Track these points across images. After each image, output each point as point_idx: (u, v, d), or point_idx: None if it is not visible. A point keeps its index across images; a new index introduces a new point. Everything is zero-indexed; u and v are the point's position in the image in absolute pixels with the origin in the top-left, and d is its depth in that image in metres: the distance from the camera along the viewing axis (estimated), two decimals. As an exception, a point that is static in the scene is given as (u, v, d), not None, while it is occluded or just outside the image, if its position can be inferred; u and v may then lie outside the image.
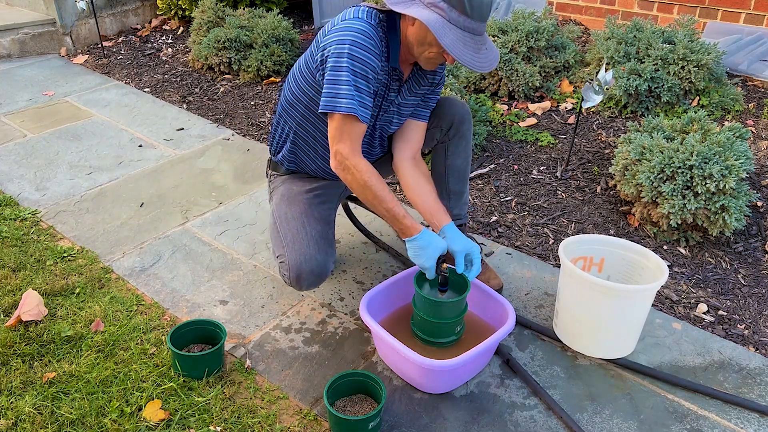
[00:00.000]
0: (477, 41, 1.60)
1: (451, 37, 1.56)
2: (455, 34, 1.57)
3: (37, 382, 1.78)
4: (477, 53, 1.60)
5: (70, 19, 4.55)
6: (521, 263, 2.33)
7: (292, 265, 1.80)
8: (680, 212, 2.29)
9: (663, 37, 3.40)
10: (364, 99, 1.65)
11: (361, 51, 1.61)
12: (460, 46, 1.57)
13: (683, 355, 1.92)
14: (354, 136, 1.67)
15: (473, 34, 1.59)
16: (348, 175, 1.69)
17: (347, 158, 1.67)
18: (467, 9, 1.55)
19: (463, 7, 1.55)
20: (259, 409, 1.73)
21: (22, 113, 3.59)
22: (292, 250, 1.82)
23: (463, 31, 1.58)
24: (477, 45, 1.60)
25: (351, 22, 1.64)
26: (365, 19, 1.64)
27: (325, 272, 1.84)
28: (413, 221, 1.72)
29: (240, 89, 3.88)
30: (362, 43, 1.61)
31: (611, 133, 3.19)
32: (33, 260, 2.31)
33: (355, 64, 1.61)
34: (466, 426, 1.68)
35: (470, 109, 3.04)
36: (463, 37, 1.58)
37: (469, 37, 1.59)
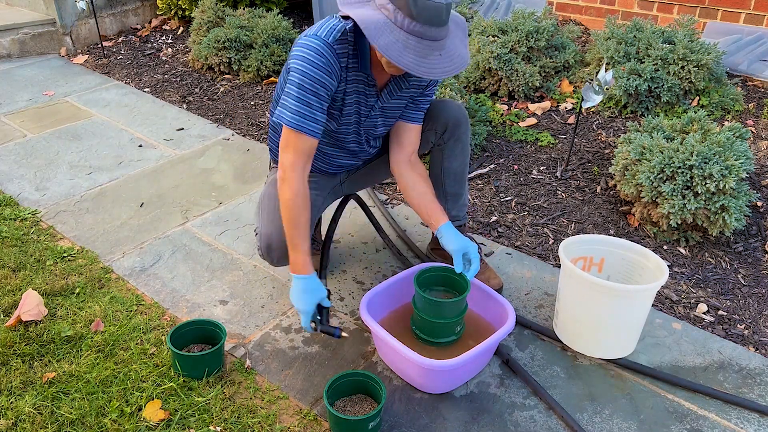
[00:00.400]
0: (426, 46, 1.53)
1: (389, 39, 1.51)
2: (396, 37, 1.51)
3: (37, 382, 1.78)
4: (423, 58, 1.53)
5: (70, 19, 4.56)
6: (521, 263, 2.33)
7: (263, 235, 1.86)
8: (680, 212, 2.29)
9: (663, 37, 3.40)
10: (314, 114, 1.68)
11: (312, 68, 1.64)
12: (399, 48, 1.51)
13: (683, 355, 1.92)
14: (299, 150, 1.71)
15: (421, 38, 1.52)
16: (282, 184, 1.72)
17: (286, 170, 1.71)
18: (412, 11, 1.49)
19: (408, 10, 1.50)
20: (259, 409, 1.73)
21: (22, 113, 3.59)
22: (267, 222, 1.87)
23: (408, 34, 1.52)
24: (425, 50, 1.53)
25: (308, 39, 1.66)
26: (322, 36, 1.65)
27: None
28: (307, 261, 1.73)
29: (240, 89, 3.88)
30: (314, 60, 1.63)
31: (611, 133, 3.19)
32: (33, 260, 2.31)
33: (305, 80, 1.65)
34: (466, 426, 1.68)
35: (470, 109, 3.05)
36: (406, 40, 1.52)
37: (415, 40, 1.52)
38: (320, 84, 1.66)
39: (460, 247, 1.79)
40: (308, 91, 1.66)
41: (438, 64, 1.55)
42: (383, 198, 2.74)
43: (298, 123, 1.68)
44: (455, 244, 1.79)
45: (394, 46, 1.51)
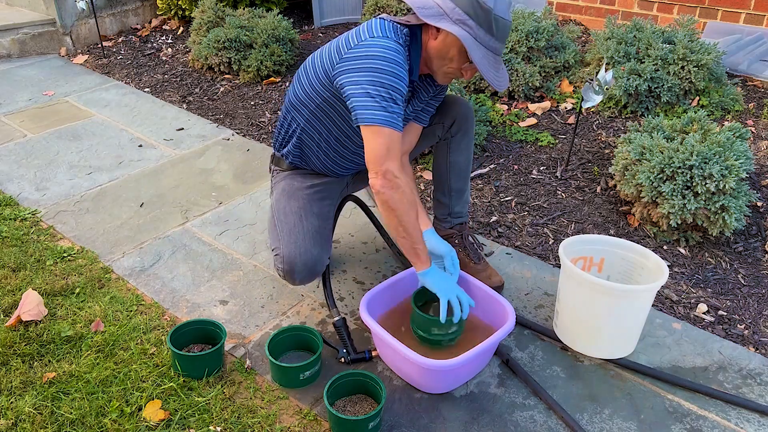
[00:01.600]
0: (497, 60, 1.67)
1: (480, 54, 1.62)
2: (482, 52, 1.63)
3: (37, 382, 1.78)
4: (497, 72, 1.67)
5: (70, 19, 4.55)
6: (521, 263, 2.33)
7: (286, 258, 1.84)
8: (680, 212, 2.29)
9: (663, 37, 3.40)
10: (399, 110, 1.65)
11: (397, 68, 1.62)
12: (486, 64, 1.63)
13: (683, 355, 1.92)
14: (397, 148, 1.65)
15: (495, 53, 1.65)
16: (397, 194, 1.64)
17: (398, 176, 1.63)
18: (494, 29, 1.61)
19: (490, 27, 1.60)
20: (259, 409, 1.73)
21: (22, 113, 3.59)
22: (287, 243, 1.85)
23: (487, 49, 1.63)
24: (497, 64, 1.67)
25: (382, 40, 1.62)
26: (393, 37, 1.65)
27: (318, 266, 1.87)
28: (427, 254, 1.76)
29: (240, 89, 3.88)
30: (398, 60, 1.62)
31: (611, 133, 3.19)
32: (33, 260, 2.31)
33: (393, 80, 1.61)
34: (466, 426, 1.69)
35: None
36: (487, 55, 1.64)
37: (491, 56, 1.64)
38: (403, 84, 1.65)
39: (449, 249, 1.87)
40: (396, 91, 1.63)
41: (504, 76, 1.70)
42: (383, 198, 2.74)
43: (397, 122, 1.63)
44: (443, 247, 1.87)
45: (485, 62, 1.63)
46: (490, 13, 1.58)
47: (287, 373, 1.77)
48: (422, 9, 1.64)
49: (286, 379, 1.78)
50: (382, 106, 1.60)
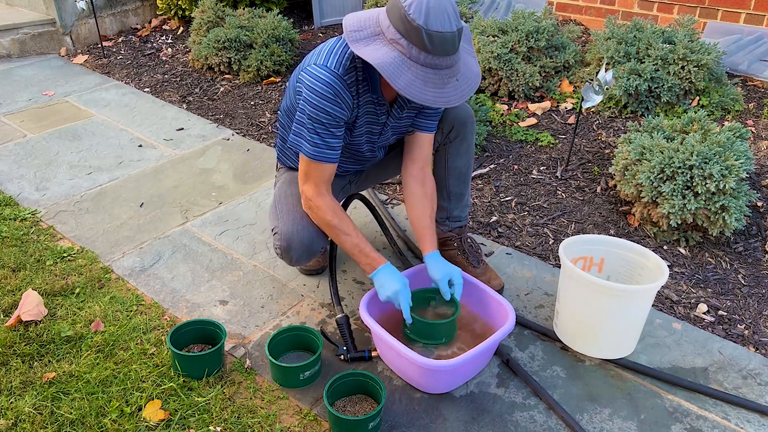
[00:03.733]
0: (443, 75, 1.53)
1: (408, 78, 1.50)
2: (414, 73, 1.51)
3: (37, 382, 1.78)
4: (441, 88, 1.53)
5: (70, 19, 4.55)
6: (521, 263, 2.33)
7: (283, 234, 1.88)
8: (680, 212, 2.29)
9: (663, 37, 3.39)
10: (329, 143, 1.72)
11: (323, 102, 1.65)
12: (419, 85, 1.51)
13: (683, 355, 1.92)
14: (319, 178, 1.78)
15: (438, 69, 1.52)
16: (312, 213, 1.82)
17: (311, 199, 1.79)
18: (428, 46, 1.48)
19: (423, 45, 1.48)
20: (259, 409, 1.73)
21: (22, 113, 3.59)
22: (286, 221, 1.89)
23: (426, 68, 1.51)
24: (443, 79, 1.53)
25: (318, 70, 1.65)
26: (332, 68, 1.64)
27: (315, 245, 1.89)
28: (376, 256, 1.80)
29: (240, 89, 3.88)
30: (325, 94, 1.65)
31: (611, 133, 3.19)
32: (33, 260, 2.31)
33: (318, 114, 1.67)
34: (466, 426, 1.68)
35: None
36: (424, 74, 1.51)
37: (432, 73, 1.51)
38: (333, 117, 1.68)
39: (444, 275, 1.82)
40: (322, 124, 1.68)
41: (456, 91, 1.56)
42: (383, 198, 2.74)
43: (316, 154, 1.73)
44: (438, 272, 1.83)
45: (414, 84, 1.51)
46: (420, 30, 1.46)
47: (287, 373, 1.77)
48: (354, 32, 1.57)
49: (286, 379, 1.78)
50: (307, 138, 1.72)
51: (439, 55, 1.50)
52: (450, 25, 1.48)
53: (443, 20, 1.47)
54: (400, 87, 1.50)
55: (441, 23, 1.46)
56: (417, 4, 1.46)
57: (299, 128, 1.74)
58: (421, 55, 1.50)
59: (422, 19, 1.46)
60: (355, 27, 1.58)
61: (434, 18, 1.46)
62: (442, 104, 1.55)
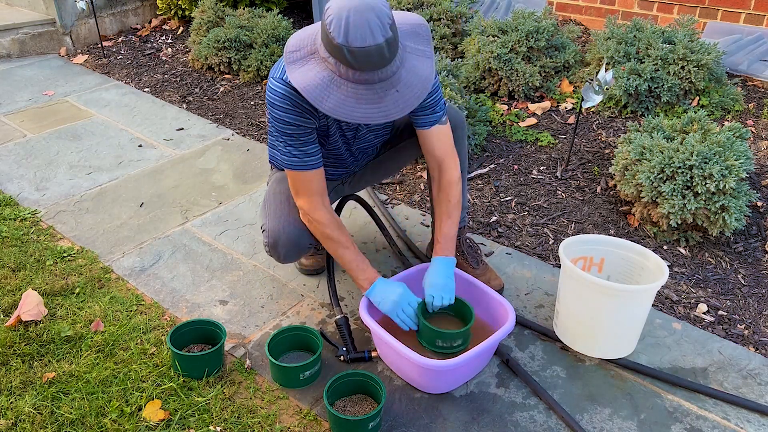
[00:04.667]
0: (379, 88, 1.47)
1: (338, 97, 1.47)
2: (345, 92, 1.46)
3: (37, 382, 1.78)
4: (377, 103, 1.47)
5: (70, 19, 4.55)
6: (521, 263, 2.33)
7: (270, 232, 1.87)
8: (680, 212, 2.29)
9: (663, 37, 3.39)
10: (305, 150, 1.71)
11: (284, 114, 1.66)
12: (351, 104, 1.47)
13: (683, 355, 1.92)
14: (309, 188, 1.76)
15: (371, 84, 1.46)
16: (311, 227, 1.82)
17: (308, 213, 1.79)
18: (352, 63, 1.42)
19: (348, 63, 1.43)
20: (259, 409, 1.73)
21: (22, 113, 3.59)
22: (272, 218, 1.89)
23: (357, 84, 1.46)
24: (378, 93, 1.47)
25: (274, 84, 1.65)
26: (286, 80, 1.62)
27: (302, 241, 1.88)
28: (371, 271, 1.81)
29: (240, 89, 3.88)
30: (283, 106, 1.65)
31: (611, 133, 3.19)
32: (33, 260, 2.31)
33: (282, 126, 1.68)
34: (466, 426, 1.68)
35: (470, 109, 3.04)
36: (356, 91, 1.46)
37: (364, 88, 1.46)
38: (297, 126, 1.67)
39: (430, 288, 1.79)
40: (290, 135, 1.68)
41: (396, 102, 1.49)
42: (383, 198, 2.74)
43: (294, 164, 1.72)
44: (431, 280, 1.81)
45: (345, 104, 1.47)
46: (342, 49, 1.41)
47: (287, 373, 1.77)
48: (290, 53, 1.55)
49: (286, 379, 1.78)
50: (282, 151, 1.71)
51: (368, 70, 1.44)
52: (373, 38, 1.40)
53: (365, 34, 1.40)
54: (326, 109, 1.47)
55: (363, 38, 1.40)
56: (336, 22, 1.41)
57: (273, 141, 1.73)
58: (349, 72, 1.45)
59: (341, 38, 1.40)
60: (292, 47, 1.56)
61: (354, 34, 1.39)
62: (380, 119, 1.48)
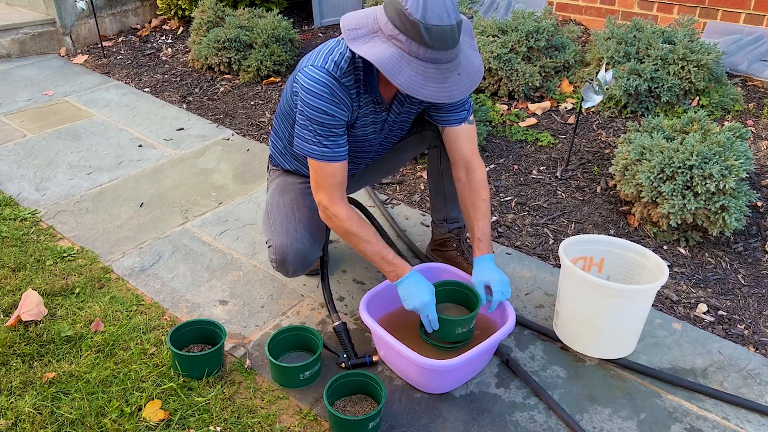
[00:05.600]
0: (444, 69, 1.51)
1: (408, 74, 1.48)
2: (414, 69, 1.48)
3: (37, 382, 1.78)
4: (443, 83, 1.51)
5: (70, 19, 4.55)
6: (521, 263, 2.33)
7: (278, 248, 1.86)
8: (680, 212, 2.29)
9: (663, 37, 3.39)
10: (335, 142, 1.69)
11: (323, 104, 1.64)
12: (420, 81, 1.49)
13: (683, 355, 1.92)
14: (332, 182, 1.73)
15: (439, 63, 1.49)
16: (331, 223, 1.77)
17: (327, 208, 1.74)
18: (426, 41, 1.45)
19: (422, 40, 1.45)
20: (259, 409, 1.73)
21: (22, 113, 3.59)
22: (279, 233, 1.87)
23: (426, 63, 1.48)
24: (444, 74, 1.51)
25: (316, 72, 1.63)
26: (330, 70, 1.63)
27: (311, 256, 1.88)
28: (401, 263, 1.75)
29: (240, 89, 3.88)
30: (324, 96, 1.63)
31: (611, 133, 3.19)
32: (33, 260, 2.31)
33: (319, 116, 1.65)
34: (466, 426, 1.68)
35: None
36: (425, 70, 1.49)
37: (433, 68, 1.49)
38: (332, 117, 1.66)
39: (479, 280, 1.80)
40: (323, 125, 1.66)
41: (458, 85, 1.53)
42: (383, 198, 2.74)
43: (322, 155, 1.69)
44: (475, 276, 1.81)
45: (415, 81, 1.48)
46: (418, 25, 1.43)
47: (287, 373, 1.77)
48: (351, 31, 1.55)
49: (286, 379, 1.78)
50: (311, 140, 1.68)
51: (439, 49, 1.47)
52: (449, 17, 1.45)
53: (441, 13, 1.44)
54: (401, 83, 1.48)
55: (439, 17, 1.44)
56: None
57: (301, 131, 1.71)
58: (420, 50, 1.47)
59: (419, 14, 1.43)
60: (352, 26, 1.56)
61: (432, 11, 1.43)
62: (444, 99, 1.52)
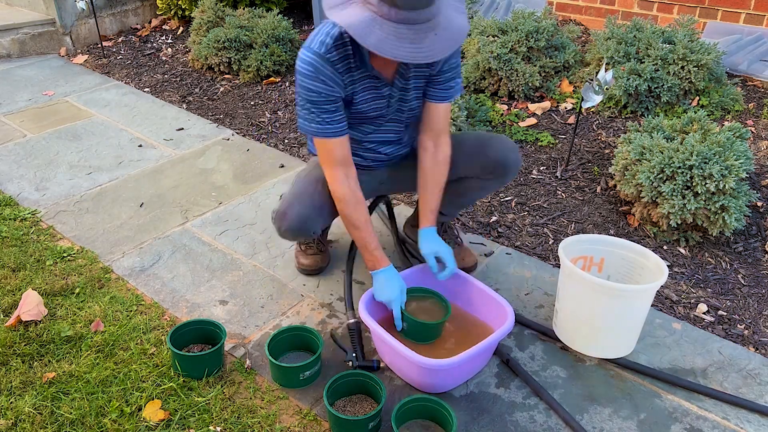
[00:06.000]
0: (419, 29, 1.49)
1: (378, 35, 1.48)
2: (386, 30, 1.48)
3: (37, 382, 1.78)
4: (419, 44, 1.49)
5: (70, 19, 4.55)
6: (521, 263, 2.33)
7: (285, 201, 1.91)
8: (680, 212, 2.29)
9: (663, 37, 3.39)
10: (330, 118, 1.73)
11: (309, 82, 1.69)
12: (392, 42, 1.48)
13: (683, 355, 1.92)
14: (331, 157, 1.78)
15: (412, 24, 1.48)
16: (337, 203, 1.84)
17: (331, 184, 1.82)
18: (396, 1, 1.45)
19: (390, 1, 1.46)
20: (259, 409, 1.73)
21: (22, 113, 3.59)
22: (294, 192, 1.92)
23: (398, 24, 1.47)
24: (418, 34, 1.49)
25: (303, 53, 1.69)
26: (314, 48, 1.67)
27: (308, 225, 1.91)
28: (381, 256, 1.85)
29: (240, 89, 3.88)
30: (309, 74, 1.68)
31: (611, 133, 3.19)
32: (33, 260, 2.31)
33: (307, 94, 1.70)
34: (466, 426, 1.68)
35: (470, 108, 3.05)
36: (396, 30, 1.48)
37: (405, 28, 1.48)
38: (319, 94, 1.69)
39: (431, 250, 1.87)
40: (312, 103, 1.71)
41: (436, 46, 1.51)
42: (383, 198, 2.74)
43: (316, 131, 1.75)
44: (427, 248, 1.88)
45: (386, 42, 1.48)
46: None
47: (287, 373, 1.77)
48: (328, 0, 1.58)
49: (286, 379, 1.78)
50: (305, 118, 1.75)
51: (409, 9, 1.46)
52: None
53: None
54: (370, 44, 1.48)
55: None
56: None
57: (300, 111, 1.77)
58: (392, 12, 1.47)
59: None
60: None
61: None
62: (422, 59, 1.50)
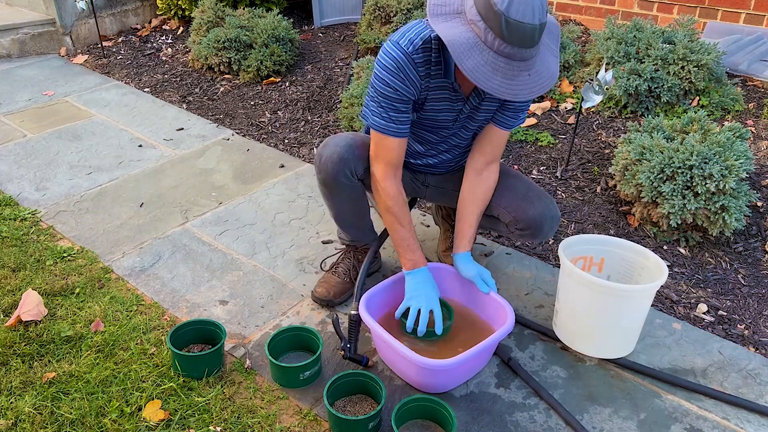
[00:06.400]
0: (515, 66, 1.48)
1: (476, 62, 1.47)
2: (484, 58, 1.47)
3: (37, 382, 1.78)
4: (511, 80, 1.48)
5: (70, 19, 4.55)
6: (521, 263, 2.33)
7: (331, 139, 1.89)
8: (680, 212, 2.29)
9: (663, 37, 3.39)
10: (396, 117, 1.73)
11: (389, 77, 1.67)
12: (487, 72, 1.47)
13: (683, 355, 1.92)
14: (388, 155, 1.78)
15: (511, 59, 1.47)
16: (377, 196, 1.85)
17: (379, 181, 1.81)
18: (504, 33, 1.44)
19: (500, 32, 1.44)
20: (259, 409, 1.73)
21: (22, 113, 3.59)
22: (341, 136, 1.89)
23: (498, 55, 1.47)
24: (514, 71, 1.48)
25: (390, 46, 1.67)
26: (402, 45, 1.65)
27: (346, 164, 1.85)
28: (421, 256, 1.86)
29: (240, 89, 3.88)
30: (391, 69, 1.66)
31: (611, 133, 3.19)
32: (33, 260, 2.31)
33: (383, 87, 1.69)
34: (466, 426, 1.68)
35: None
36: (495, 61, 1.47)
37: (504, 62, 1.47)
38: (396, 91, 1.69)
39: (476, 272, 1.88)
40: (386, 98, 1.70)
41: (525, 85, 1.51)
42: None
43: (381, 126, 1.74)
44: (471, 270, 1.88)
45: (482, 70, 1.47)
46: (500, 17, 1.42)
47: (287, 373, 1.77)
48: (435, 6, 1.56)
49: (286, 379, 1.78)
50: (374, 110, 1.74)
51: (515, 45, 1.45)
52: (533, 17, 1.43)
53: (526, 10, 1.42)
54: (466, 69, 1.47)
55: (523, 13, 1.42)
56: None
57: (368, 101, 1.76)
58: (495, 42, 1.46)
59: (504, 6, 1.42)
60: (439, 1, 1.57)
61: (517, 7, 1.42)
62: (509, 96, 1.49)
